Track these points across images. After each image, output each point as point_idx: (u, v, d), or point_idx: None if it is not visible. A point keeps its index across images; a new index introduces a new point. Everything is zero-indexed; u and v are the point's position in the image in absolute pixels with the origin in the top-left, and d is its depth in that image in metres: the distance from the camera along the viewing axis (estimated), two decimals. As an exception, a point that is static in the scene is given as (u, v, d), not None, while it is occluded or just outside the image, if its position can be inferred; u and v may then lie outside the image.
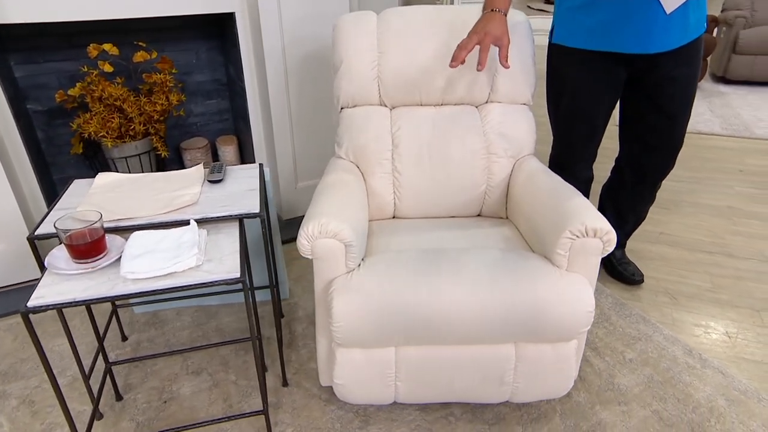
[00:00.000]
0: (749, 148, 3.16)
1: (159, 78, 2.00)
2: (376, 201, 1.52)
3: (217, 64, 2.31)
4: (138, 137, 2.02)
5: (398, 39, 1.49)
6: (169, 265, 0.98)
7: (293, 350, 1.55)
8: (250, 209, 1.18)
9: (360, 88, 1.52)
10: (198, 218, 1.14)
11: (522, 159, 1.53)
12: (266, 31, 1.87)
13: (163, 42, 2.15)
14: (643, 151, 1.59)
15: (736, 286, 1.84)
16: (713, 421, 1.31)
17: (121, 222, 1.12)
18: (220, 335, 1.61)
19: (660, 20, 1.30)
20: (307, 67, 2.01)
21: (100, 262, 1.01)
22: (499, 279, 1.12)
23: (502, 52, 1.30)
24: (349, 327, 1.12)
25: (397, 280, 1.13)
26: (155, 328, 1.65)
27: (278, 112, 2.03)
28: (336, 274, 1.17)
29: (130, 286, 0.96)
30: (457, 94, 1.53)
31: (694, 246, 2.09)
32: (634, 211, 1.75)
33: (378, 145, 1.51)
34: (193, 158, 2.27)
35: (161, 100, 1.98)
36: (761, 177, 2.74)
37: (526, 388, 1.24)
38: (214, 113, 2.40)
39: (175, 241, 1.05)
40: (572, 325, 1.14)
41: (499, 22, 1.28)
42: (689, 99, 1.47)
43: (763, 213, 2.36)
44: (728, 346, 1.57)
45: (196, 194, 1.23)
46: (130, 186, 1.28)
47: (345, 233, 1.13)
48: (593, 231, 1.13)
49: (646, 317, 1.67)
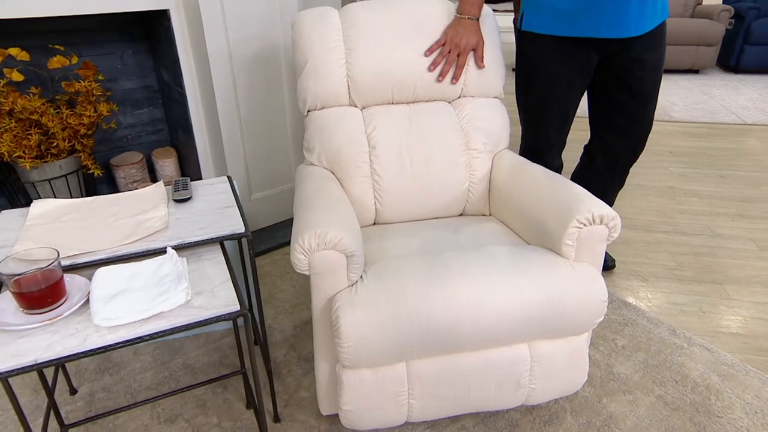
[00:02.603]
0: (671, 130, 3.38)
1: (82, 86, 1.75)
2: (356, 208, 1.41)
3: (147, 69, 2.08)
4: (62, 155, 1.76)
5: (366, 35, 1.39)
6: (156, 305, 0.81)
7: (278, 380, 1.40)
8: (234, 229, 1.02)
9: (328, 88, 1.40)
10: (174, 245, 0.97)
11: (500, 153, 1.48)
12: (209, 30, 1.69)
13: (80, 45, 1.89)
14: (614, 135, 1.60)
15: (696, 262, 1.93)
16: (713, 399, 1.33)
17: (77, 258, 0.93)
18: (191, 373, 1.42)
19: (634, 4, 1.30)
20: (255, 69, 1.85)
21: (62, 310, 0.82)
22: (514, 276, 1.06)
23: (477, 54, 1.41)
24: (360, 346, 1.01)
25: (408, 288, 1.03)
26: (110, 374, 1.42)
27: (227, 118, 1.84)
28: (338, 288, 1.05)
29: (109, 337, 0.78)
30: (430, 89, 1.45)
31: (651, 227, 2.17)
32: (604, 197, 1.77)
33: (353, 148, 1.39)
34: (128, 176, 2.02)
35: (88, 112, 1.73)
36: (689, 157, 2.93)
37: (543, 388, 1.19)
38: (146, 124, 2.16)
39: (154, 275, 0.88)
40: (588, 317, 1.10)
41: (474, 31, 1.38)
42: (657, 82, 1.50)
43: (700, 190, 2.51)
44: (704, 321, 1.62)
45: (164, 217, 1.05)
46: (78, 214, 1.07)
47: (346, 242, 1.01)
48: (600, 218, 1.10)
49: (627, 301, 1.69)
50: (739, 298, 1.73)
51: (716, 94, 4.16)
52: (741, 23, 4.70)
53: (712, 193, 2.48)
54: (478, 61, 1.42)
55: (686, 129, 3.40)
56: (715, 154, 2.97)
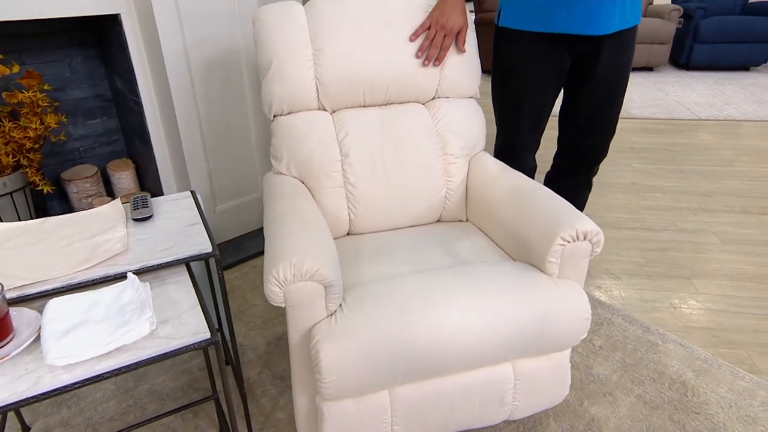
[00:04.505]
0: (631, 127, 3.46)
1: (26, 97, 1.63)
2: (328, 219, 1.35)
3: (98, 76, 1.96)
4: (6, 172, 1.63)
5: (335, 33, 1.32)
6: (117, 338, 0.74)
7: (252, 400, 1.33)
8: (200, 249, 0.96)
9: (295, 91, 1.34)
10: (136, 269, 0.89)
11: (476, 156, 1.46)
12: (164, 32, 1.60)
13: (22, 53, 1.77)
14: (580, 135, 1.62)
15: (664, 258, 1.96)
16: (690, 395, 1.34)
17: (26, 289, 0.84)
18: (158, 400, 1.33)
19: (605, 3, 1.32)
20: (215, 73, 1.76)
21: (8, 350, 0.74)
22: (498, 298, 1.02)
23: (460, 37, 1.37)
24: (341, 379, 0.95)
25: (389, 317, 0.97)
26: (67, 406, 1.32)
27: (187, 127, 1.76)
28: (316, 319, 0.98)
29: (64, 377, 0.71)
30: (404, 90, 1.41)
31: (619, 224, 2.21)
32: (574, 197, 1.78)
33: (324, 156, 1.34)
34: (82, 190, 1.90)
35: (34, 124, 1.62)
36: (650, 153, 3.00)
37: (527, 404, 1.16)
38: (100, 134, 2.04)
39: (113, 304, 0.81)
40: (573, 334, 1.08)
41: (461, 11, 1.32)
42: (624, 84, 1.52)
43: (662, 186, 2.57)
44: (676, 317, 1.64)
45: (123, 238, 0.97)
46: (26, 238, 0.98)
47: (324, 272, 0.94)
48: (584, 234, 1.07)
49: (601, 300, 1.70)
50: (707, 291, 1.77)
51: (671, 91, 4.30)
52: (690, 22, 4.88)
53: (674, 188, 2.54)
54: (459, 44, 1.39)
55: (645, 125, 3.49)
56: (674, 150, 3.05)
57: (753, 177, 2.66)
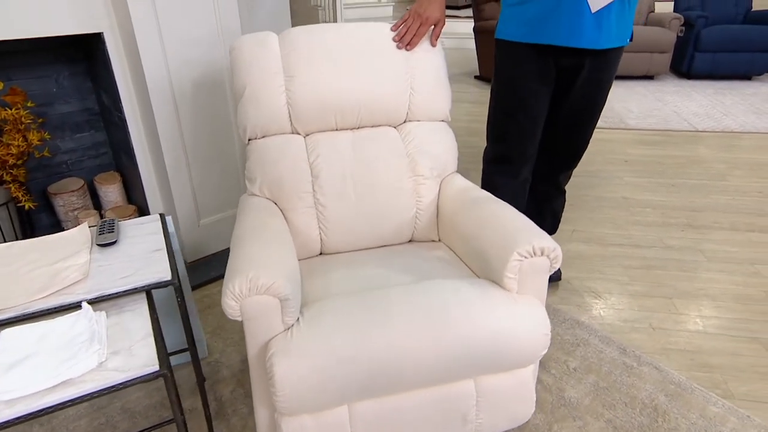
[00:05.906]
0: (627, 138, 3.45)
1: (10, 114, 1.65)
2: (300, 239, 1.37)
3: (86, 91, 1.99)
4: (-10, 187, 1.66)
5: (307, 61, 1.35)
6: (63, 371, 0.76)
7: (222, 420, 1.34)
8: (159, 277, 0.97)
9: (269, 116, 1.36)
10: (92, 298, 0.91)
11: (448, 178, 1.47)
12: (146, 53, 1.62)
13: (8, 69, 1.79)
14: (555, 143, 1.67)
15: (648, 276, 1.95)
16: (660, 420, 1.34)
17: (-18, 318, 0.86)
18: (131, 418, 1.35)
19: (587, 17, 1.36)
20: (199, 93, 1.78)
21: (-42, 382, 0.75)
22: (453, 314, 1.03)
23: (435, 30, 1.42)
24: (295, 394, 0.97)
25: (344, 333, 0.99)
26: (39, 424, 1.34)
27: (170, 144, 1.77)
28: (272, 333, 1.01)
29: (5, 412, 0.72)
30: (374, 115, 1.43)
31: (605, 240, 2.20)
32: (545, 204, 1.82)
33: (296, 177, 1.35)
34: (68, 204, 1.92)
35: (17, 141, 1.64)
36: (644, 166, 2.99)
37: (490, 423, 1.17)
38: (87, 148, 2.06)
39: (65, 335, 0.82)
40: (531, 350, 1.09)
41: (438, 5, 1.38)
42: (602, 102, 1.58)
43: (653, 200, 2.56)
44: (654, 339, 1.64)
45: (84, 265, 0.99)
46: (-10, 263, 1.00)
47: (279, 286, 0.97)
48: (540, 250, 1.09)
49: (580, 320, 1.70)
50: (687, 312, 1.75)
51: (670, 101, 4.27)
52: (691, 31, 4.85)
53: (664, 203, 2.53)
54: (433, 38, 1.43)
55: (640, 137, 3.47)
56: (666, 162, 3.03)
57: (744, 192, 2.63)
